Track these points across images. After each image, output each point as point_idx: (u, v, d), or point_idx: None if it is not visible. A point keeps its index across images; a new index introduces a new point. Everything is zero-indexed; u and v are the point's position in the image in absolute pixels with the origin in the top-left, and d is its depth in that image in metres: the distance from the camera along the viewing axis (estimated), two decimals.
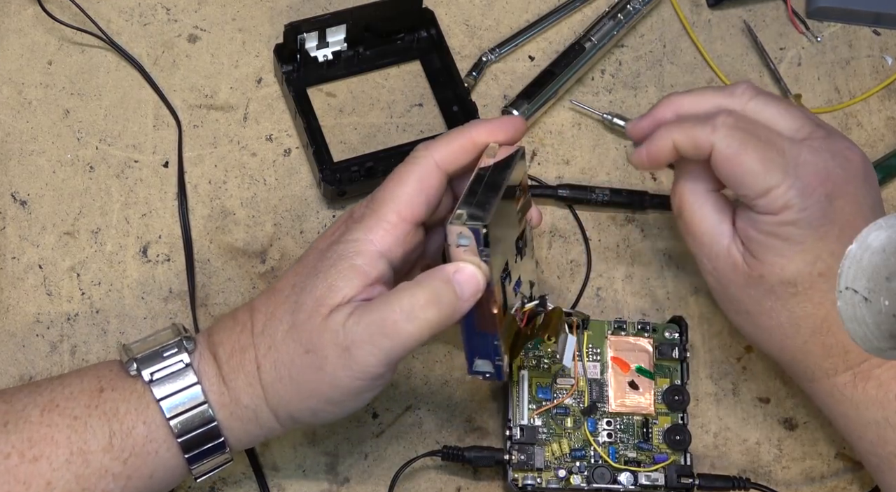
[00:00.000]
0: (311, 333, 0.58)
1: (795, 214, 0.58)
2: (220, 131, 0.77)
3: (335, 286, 0.58)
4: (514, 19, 0.82)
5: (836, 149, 0.61)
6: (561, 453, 0.68)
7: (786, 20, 0.84)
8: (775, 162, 0.59)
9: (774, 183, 0.59)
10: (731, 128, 0.60)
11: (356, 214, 0.61)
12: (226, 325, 0.62)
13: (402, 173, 0.60)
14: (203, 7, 0.80)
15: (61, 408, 0.59)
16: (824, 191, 0.59)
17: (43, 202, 0.74)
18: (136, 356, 0.60)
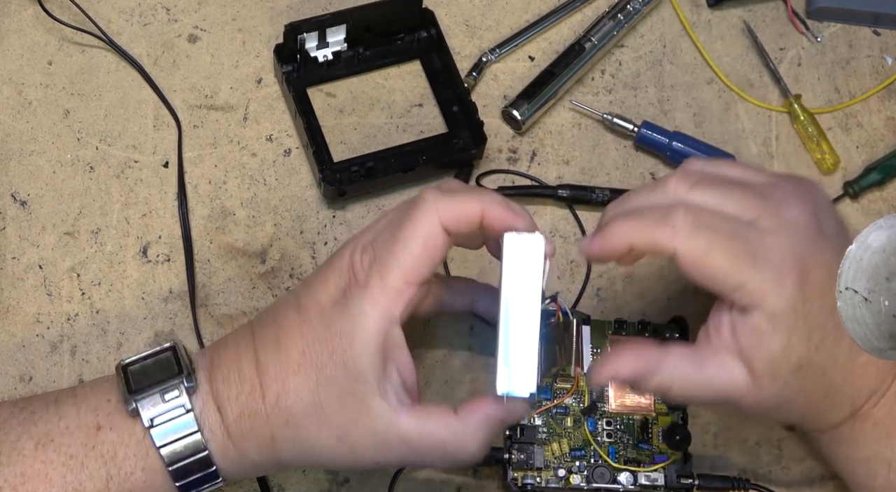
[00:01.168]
0: (345, 425, 0.58)
1: (774, 303, 0.57)
2: (220, 131, 0.77)
3: (359, 374, 0.57)
4: (514, 19, 0.82)
5: (791, 215, 0.58)
6: (560, 453, 0.68)
7: (786, 20, 0.85)
8: (744, 257, 0.57)
9: (747, 279, 0.57)
10: (692, 228, 0.57)
11: (360, 275, 0.58)
12: (230, 377, 0.59)
13: (406, 233, 0.57)
14: (203, 7, 0.80)
15: (56, 444, 0.58)
16: (796, 272, 0.57)
17: (43, 202, 0.74)
18: (137, 397, 0.58)
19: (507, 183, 0.78)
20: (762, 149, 0.81)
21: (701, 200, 0.58)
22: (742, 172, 0.62)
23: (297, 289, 0.61)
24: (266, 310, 0.62)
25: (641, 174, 0.79)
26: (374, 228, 0.60)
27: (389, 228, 0.58)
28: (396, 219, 0.59)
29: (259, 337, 0.60)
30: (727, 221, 0.57)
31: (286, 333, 0.59)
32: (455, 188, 0.59)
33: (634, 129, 0.79)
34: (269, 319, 0.60)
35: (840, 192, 0.80)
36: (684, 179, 0.59)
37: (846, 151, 0.81)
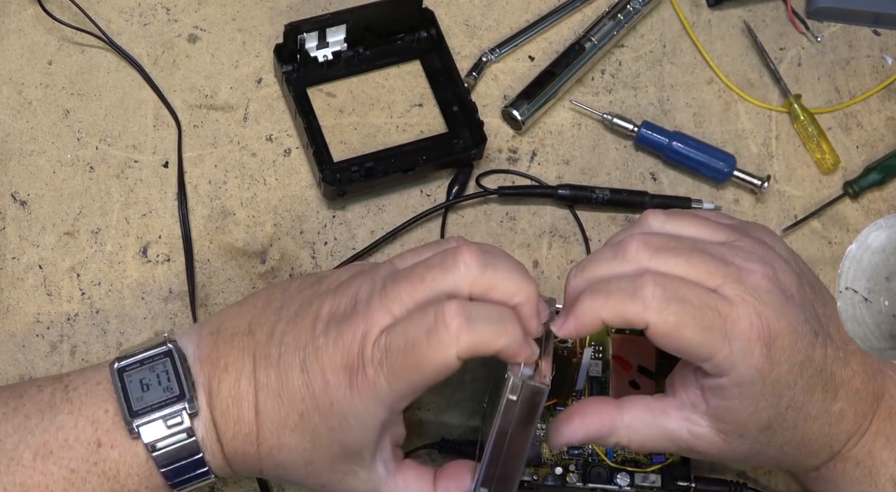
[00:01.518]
0: (332, 481, 0.60)
1: (745, 374, 0.58)
2: (220, 131, 0.77)
3: (353, 451, 0.58)
4: (514, 19, 0.82)
5: (754, 281, 0.58)
6: (559, 451, 0.68)
7: (786, 20, 0.84)
8: (713, 329, 0.57)
9: (717, 350, 0.57)
10: (662, 301, 0.56)
11: (369, 372, 0.56)
12: (229, 414, 0.59)
13: (421, 360, 0.55)
14: (203, 7, 0.80)
15: (56, 456, 0.57)
16: (763, 341, 0.57)
17: (43, 202, 0.74)
18: (139, 424, 0.57)
19: (507, 183, 0.78)
20: (762, 149, 0.81)
21: (665, 268, 0.58)
22: (700, 228, 0.61)
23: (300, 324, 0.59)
24: (269, 329, 0.60)
25: (641, 174, 0.79)
26: (388, 304, 0.57)
27: (404, 335, 0.56)
28: (413, 329, 0.56)
29: (260, 375, 0.59)
30: (694, 290, 0.57)
31: (288, 388, 0.58)
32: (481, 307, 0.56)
33: (634, 129, 0.79)
34: (273, 356, 0.59)
35: (840, 192, 0.80)
36: (645, 245, 0.59)
37: (846, 151, 0.81)
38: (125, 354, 0.60)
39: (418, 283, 0.57)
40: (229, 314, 0.62)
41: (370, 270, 0.60)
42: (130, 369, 0.59)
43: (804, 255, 0.78)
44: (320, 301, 0.59)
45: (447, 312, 0.55)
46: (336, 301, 0.58)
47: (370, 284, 0.58)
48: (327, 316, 0.58)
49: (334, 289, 0.60)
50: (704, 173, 0.79)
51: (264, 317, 0.60)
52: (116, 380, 0.59)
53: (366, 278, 0.59)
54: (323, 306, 0.59)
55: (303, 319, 0.59)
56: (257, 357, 0.59)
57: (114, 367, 0.59)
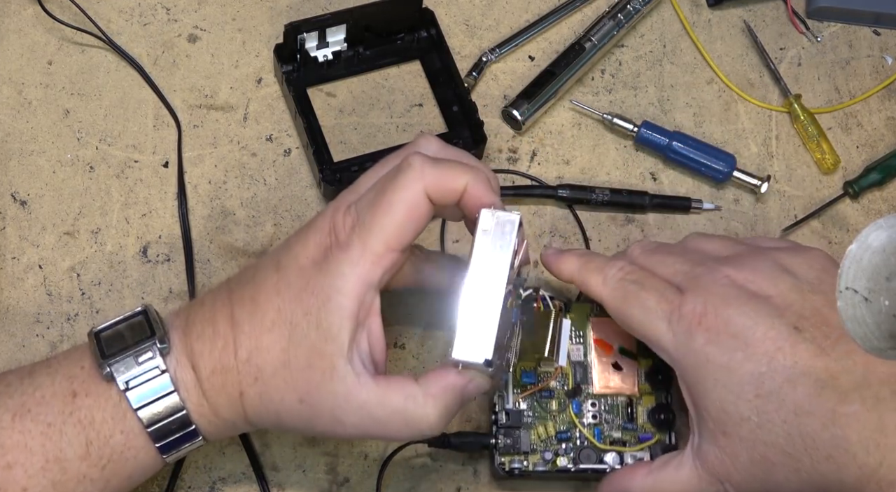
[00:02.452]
0: (308, 387, 0.58)
1: (686, 356, 0.60)
2: (220, 131, 0.77)
3: (330, 335, 0.58)
4: (514, 19, 0.82)
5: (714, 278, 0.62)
6: (547, 436, 0.69)
7: (786, 20, 0.85)
8: (656, 311, 0.62)
9: (660, 332, 0.62)
10: (619, 280, 0.64)
11: (341, 236, 0.58)
12: (204, 333, 0.59)
13: (391, 198, 0.58)
14: (203, 7, 0.80)
15: (34, 413, 0.58)
16: (706, 327, 0.60)
17: (43, 202, 0.74)
18: (110, 362, 0.58)
19: (507, 183, 0.78)
20: (762, 149, 0.81)
21: (643, 260, 0.66)
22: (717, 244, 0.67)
23: (277, 249, 0.61)
24: (245, 268, 0.62)
25: (641, 174, 0.79)
26: (356, 188, 0.61)
27: (374, 189, 0.59)
28: (381, 181, 0.60)
29: (236, 294, 0.60)
30: (652, 279, 0.64)
31: (263, 290, 0.59)
32: (440, 154, 0.62)
33: (634, 129, 0.79)
34: (248, 278, 0.61)
35: (840, 192, 0.80)
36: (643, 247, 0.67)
37: (846, 151, 0.81)
38: (103, 322, 0.61)
39: (383, 165, 0.61)
40: (211, 290, 0.63)
41: None
42: (107, 329, 0.60)
43: None
44: (288, 241, 0.61)
45: (411, 155, 0.59)
46: (308, 232, 0.61)
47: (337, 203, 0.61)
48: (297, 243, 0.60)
49: (300, 231, 0.62)
50: (704, 173, 0.79)
51: (245, 279, 0.62)
52: (92, 338, 0.60)
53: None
54: (292, 240, 0.61)
55: (273, 254, 0.61)
56: (233, 285, 0.61)
57: (90, 332, 0.60)
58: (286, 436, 0.70)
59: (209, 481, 0.69)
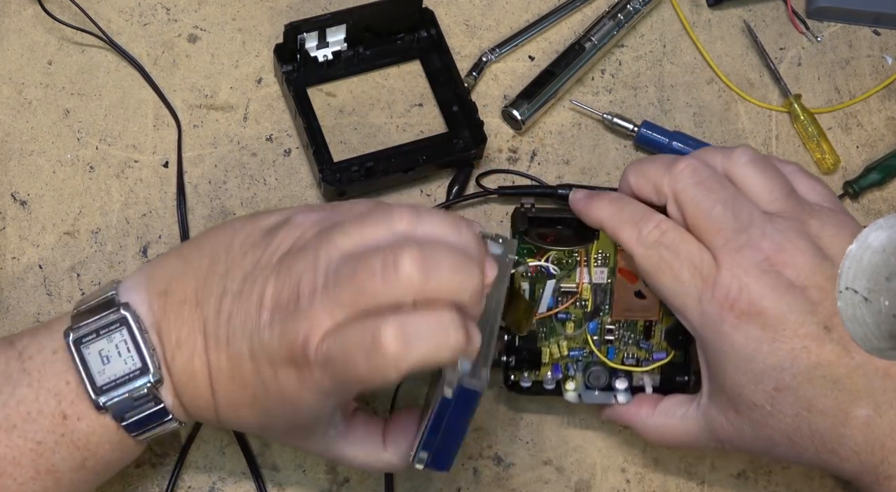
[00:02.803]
0: (286, 437, 0.62)
1: (712, 338, 0.60)
2: (220, 131, 0.77)
3: (307, 428, 0.60)
4: (514, 19, 0.82)
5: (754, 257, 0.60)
6: (560, 354, 0.68)
7: (786, 20, 0.85)
8: (689, 285, 0.61)
9: (688, 307, 0.61)
10: (653, 242, 0.62)
11: (316, 371, 0.56)
12: (186, 389, 0.59)
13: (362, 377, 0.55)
14: (203, 7, 0.80)
15: (20, 430, 0.57)
16: (738, 312, 0.59)
17: (43, 202, 0.74)
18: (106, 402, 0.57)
19: (507, 183, 0.78)
20: (762, 149, 0.81)
21: (688, 200, 0.62)
22: (767, 184, 0.63)
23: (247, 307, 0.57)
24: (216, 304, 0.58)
25: None
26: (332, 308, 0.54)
27: (343, 347, 0.54)
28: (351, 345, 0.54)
29: (212, 356, 0.58)
30: (688, 245, 0.62)
31: (239, 373, 0.58)
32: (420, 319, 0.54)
33: (634, 129, 0.79)
34: (222, 338, 0.58)
35: (840, 192, 0.80)
36: (693, 172, 0.63)
37: (846, 151, 0.81)
38: (78, 319, 0.59)
39: (359, 292, 0.54)
40: (175, 272, 0.60)
41: (313, 244, 0.57)
42: (87, 340, 0.58)
43: None
44: (263, 280, 0.57)
45: (384, 336, 0.53)
46: (279, 286, 0.56)
47: (312, 275, 0.55)
48: (270, 304, 0.56)
49: (276, 265, 0.57)
50: None
51: (209, 284, 0.59)
52: (75, 354, 0.58)
53: (308, 262, 0.56)
54: (266, 289, 0.57)
55: (247, 300, 0.57)
56: (207, 335, 0.58)
57: (69, 338, 0.58)
58: None
59: (209, 481, 0.69)
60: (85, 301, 0.60)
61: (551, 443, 0.72)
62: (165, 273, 0.60)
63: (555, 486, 0.71)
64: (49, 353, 0.59)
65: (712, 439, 0.64)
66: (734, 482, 0.72)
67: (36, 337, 0.60)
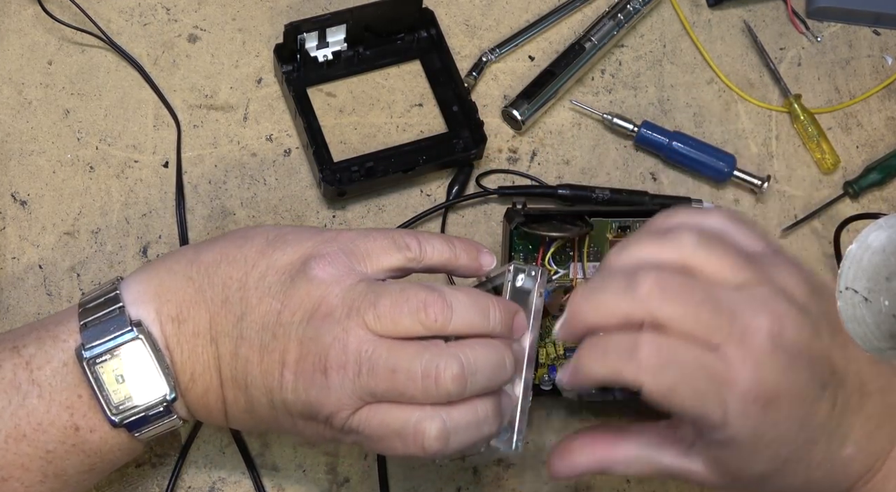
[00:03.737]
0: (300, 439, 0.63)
1: (738, 433, 0.56)
2: (220, 131, 0.77)
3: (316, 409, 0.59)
4: (514, 19, 0.82)
5: (758, 340, 0.56)
6: (556, 354, 0.68)
7: (786, 20, 0.85)
8: (708, 393, 0.56)
9: (710, 412, 0.56)
10: (657, 365, 0.55)
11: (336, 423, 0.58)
12: (199, 410, 0.60)
13: (396, 453, 0.58)
14: (203, 7, 0.80)
15: (30, 439, 0.57)
16: (761, 403, 0.56)
17: (43, 202, 0.74)
18: (125, 422, 0.58)
19: (507, 183, 0.78)
20: (762, 149, 0.81)
21: (670, 316, 0.56)
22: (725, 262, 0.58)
23: (268, 362, 0.58)
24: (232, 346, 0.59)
25: (641, 174, 0.79)
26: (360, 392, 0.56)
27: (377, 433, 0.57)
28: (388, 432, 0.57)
29: (228, 393, 0.59)
30: (692, 352, 0.56)
31: (257, 411, 0.59)
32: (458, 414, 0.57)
33: (634, 129, 0.79)
34: (239, 380, 0.58)
35: (840, 192, 0.80)
36: (660, 288, 0.57)
37: (846, 151, 0.81)
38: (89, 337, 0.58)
39: (396, 392, 0.56)
40: (186, 299, 0.60)
41: (341, 318, 0.57)
42: (101, 360, 0.58)
43: (804, 255, 0.78)
44: (286, 340, 0.57)
45: (427, 436, 0.56)
46: (303, 351, 0.57)
47: (342, 354, 0.56)
48: (294, 367, 0.57)
49: (299, 326, 0.57)
50: (704, 173, 0.79)
51: (224, 323, 0.59)
52: (90, 374, 0.58)
53: (335, 337, 0.56)
54: (289, 351, 0.57)
55: (268, 355, 0.58)
56: (224, 375, 0.59)
57: (82, 358, 0.58)
58: (286, 436, 0.70)
59: (209, 481, 0.69)
60: (88, 303, 0.60)
61: (551, 443, 0.72)
62: (176, 297, 0.60)
63: (555, 486, 0.71)
64: (59, 365, 0.58)
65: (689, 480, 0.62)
66: None
67: (42, 346, 0.59)
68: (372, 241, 0.60)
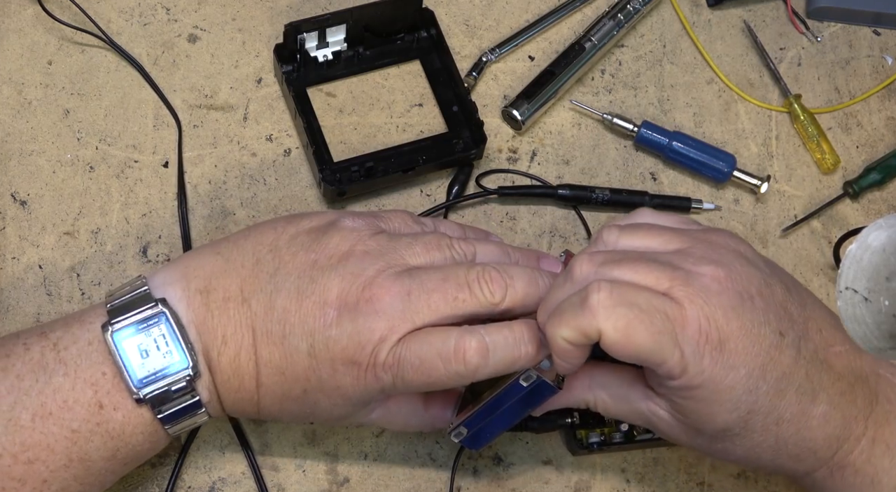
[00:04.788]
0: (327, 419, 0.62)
1: (696, 379, 0.57)
2: (220, 131, 0.77)
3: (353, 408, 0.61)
4: (514, 19, 0.82)
5: (704, 282, 0.58)
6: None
7: (786, 20, 0.85)
8: (663, 333, 0.56)
9: (668, 355, 0.56)
10: (609, 306, 0.56)
11: (380, 372, 0.59)
12: (230, 384, 0.60)
13: (439, 373, 0.59)
14: (203, 7, 0.80)
15: (56, 417, 0.58)
16: (713, 344, 0.57)
17: (43, 202, 0.74)
18: (146, 395, 0.58)
19: (508, 183, 0.78)
20: (762, 149, 0.81)
21: (612, 276, 0.58)
22: (652, 239, 0.61)
23: (309, 306, 0.59)
24: (267, 301, 0.60)
25: (641, 174, 0.79)
26: (410, 314, 0.59)
27: (420, 355, 0.58)
28: (431, 354, 0.59)
29: (262, 351, 0.60)
30: (642, 294, 0.56)
31: (293, 368, 0.59)
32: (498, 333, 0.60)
33: (634, 129, 0.79)
34: (276, 334, 0.59)
35: (840, 192, 0.80)
36: (590, 262, 0.59)
37: (846, 151, 0.81)
38: (115, 314, 0.59)
39: (444, 301, 0.59)
40: (215, 271, 0.61)
41: (381, 252, 0.60)
42: (126, 335, 0.59)
43: (804, 255, 0.78)
44: (326, 279, 0.59)
45: (469, 348, 0.58)
46: (345, 284, 0.59)
47: (389, 281, 0.59)
48: (337, 302, 0.59)
49: (337, 264, 0.60)
50: (704, 173, 0.79)
51: (257, 282, 0.60)
52: (115, 348, 0.59)
53: (379, 267, 0.60)
54: (330, 288, 0.59)
55: (307, 299, 0.59)
56: (257, 332, 0.60)
57: (107, 333, 0.59)
58: (286, 436, 0.70)
59: (209, 481, 0.69)
60: (116, 296, 0.61)
61: (551, 443, 0.72)
62: (203, 272, 0.61)
63: (555, 486, 0.71)
64: (84, 344, 0.59)
65: (652, 428, 0.63)
66: (734, 482, 0.72)
67: (69, 329, 0.60)
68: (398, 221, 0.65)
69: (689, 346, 0.56)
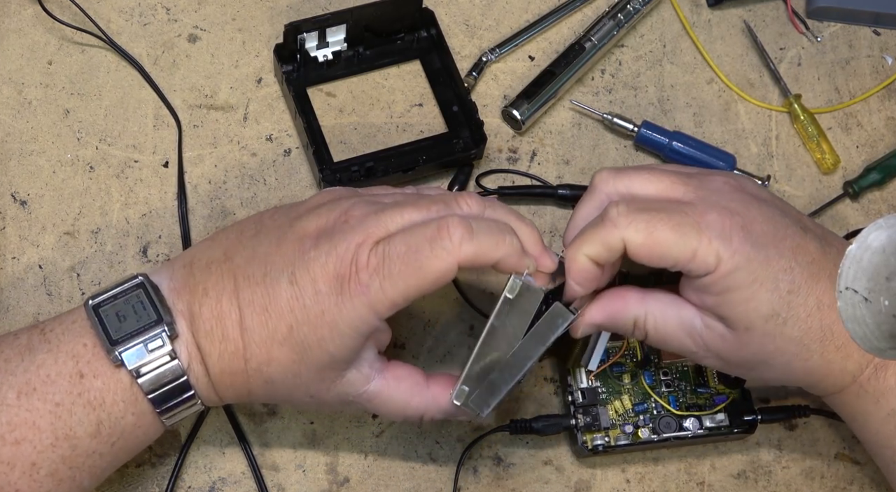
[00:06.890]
0: (319, 389, 0.61)
1: (730, 261, 0.58)
2: (220, 131, 0.77)
3: (342, 359, 0.60)
4: (514, 19, 0.82)
5: (716, 185, 0.61)
6: (624, 410, 0.70)
7: (786, 20, 0.85)
8: (686, 225, 0.58)
9: (696, 244, 0.58)
10: (629, 215, 0.59)
11: (363, 275, 0.58)
12: (213, 334, 0.60)
13: (422, 264, 0.58)
14: (203, 7, 0.80)
15: (40, 392, 0.58)
16: (738, 227, 0.59)
17: (43, 202, 0.74)
18: (120, 350, 0.59)
19: (507, 183, 0.78)
20: (762, 149, 0.81)
21: (628, 193, 0.62)
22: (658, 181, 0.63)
23: (289, 244, 0.60)
24: (249, 253, 0.61)
25: None
26: (384, 221, 0.59)
27: (405, 242, 0.58)
28: (416, 239, 0.58)
29: (244, 294, 0.60)
30: (658, 201, 0.60)
31: (275, 302, 0.59)
32: (479, 214, 0.61)
33: (634, 128, 0.79)
34: (257, 275, 0.60)
35: (840, 192, 0.80)
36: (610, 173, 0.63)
37: (846, 151, 0.81)
38: (97, 293, 0.61)
39: (417, 209, 0.60)
40: (200, 247, 0.63)
41: (354, 195, 0.62)
42: (105, 304, 0.60)
43: None
44: (304, 221, 0.61)
45: (451, 223, 0.58)
46: (323, 218, 0.60)
47: (363, 207, 0.60)
48: (315, 232, 0.60)
49: (315, 208, 0.61)
50: None
51: (240, 245, 0.62)
52: (92, 314, 0.60)
53: (355, 200, 0.61)
54: (308, 224, 0.60)
55: (287, 240, 0.60)
56: (239, 278, 0.60)
57: (88, 304, 0.60)
58: (286, 436, 0.70)
59: (209, 481, 0.69)
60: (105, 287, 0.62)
61: (551, 443, 0.72)
62: (189, 252, 0.63)
63: (555, 486, 0.71)
64: (69, 323, 0.61)
65: (704, 352, 0.63)
66: (734, 482, 0.72)
67: (59, 316, 0.62)
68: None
69: (714, 231, 0.59)
